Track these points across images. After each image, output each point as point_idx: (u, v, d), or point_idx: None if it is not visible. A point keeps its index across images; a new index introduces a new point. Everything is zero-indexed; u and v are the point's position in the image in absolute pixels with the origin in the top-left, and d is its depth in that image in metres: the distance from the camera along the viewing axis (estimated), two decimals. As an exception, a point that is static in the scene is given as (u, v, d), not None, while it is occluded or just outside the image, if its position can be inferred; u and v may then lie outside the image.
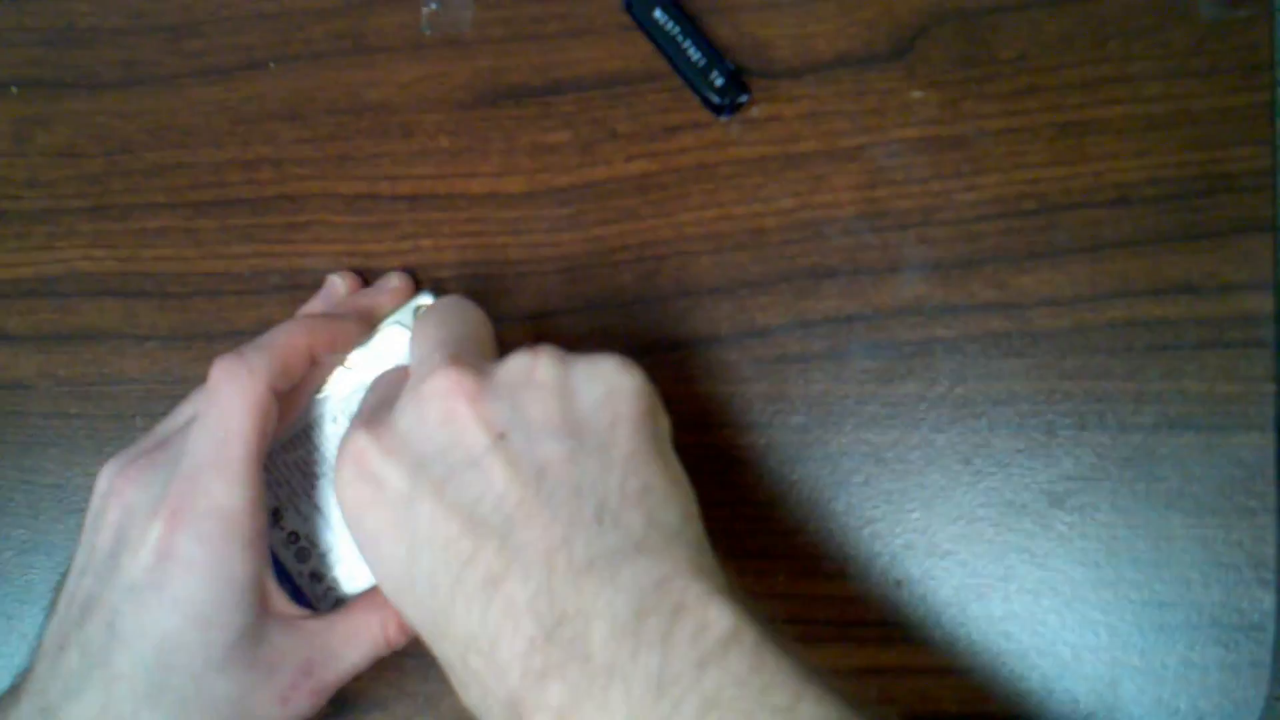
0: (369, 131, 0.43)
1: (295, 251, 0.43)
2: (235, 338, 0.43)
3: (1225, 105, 0.38)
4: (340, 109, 0.43)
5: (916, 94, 0.40)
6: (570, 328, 0.41)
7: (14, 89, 0.45)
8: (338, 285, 0.42)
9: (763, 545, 0.40)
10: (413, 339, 0.36)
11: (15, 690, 0.35)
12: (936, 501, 0.39)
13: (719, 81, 0.40)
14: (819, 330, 0.40)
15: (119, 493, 0.35)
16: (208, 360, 0.42)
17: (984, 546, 0.39)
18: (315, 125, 0.43)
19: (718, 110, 0.40)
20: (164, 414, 0.43)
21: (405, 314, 0.40)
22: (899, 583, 0.39)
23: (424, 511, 0.31)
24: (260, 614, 0.35)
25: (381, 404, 0.34)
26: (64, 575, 0.36)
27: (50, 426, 0.44)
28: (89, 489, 0.43)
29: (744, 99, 0.40)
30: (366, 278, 0.42)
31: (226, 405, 0.35)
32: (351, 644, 0.37)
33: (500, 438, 0.31)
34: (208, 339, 0.43)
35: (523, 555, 0.29)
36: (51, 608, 0.36)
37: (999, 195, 0.39)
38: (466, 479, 0.31)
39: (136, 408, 0.43)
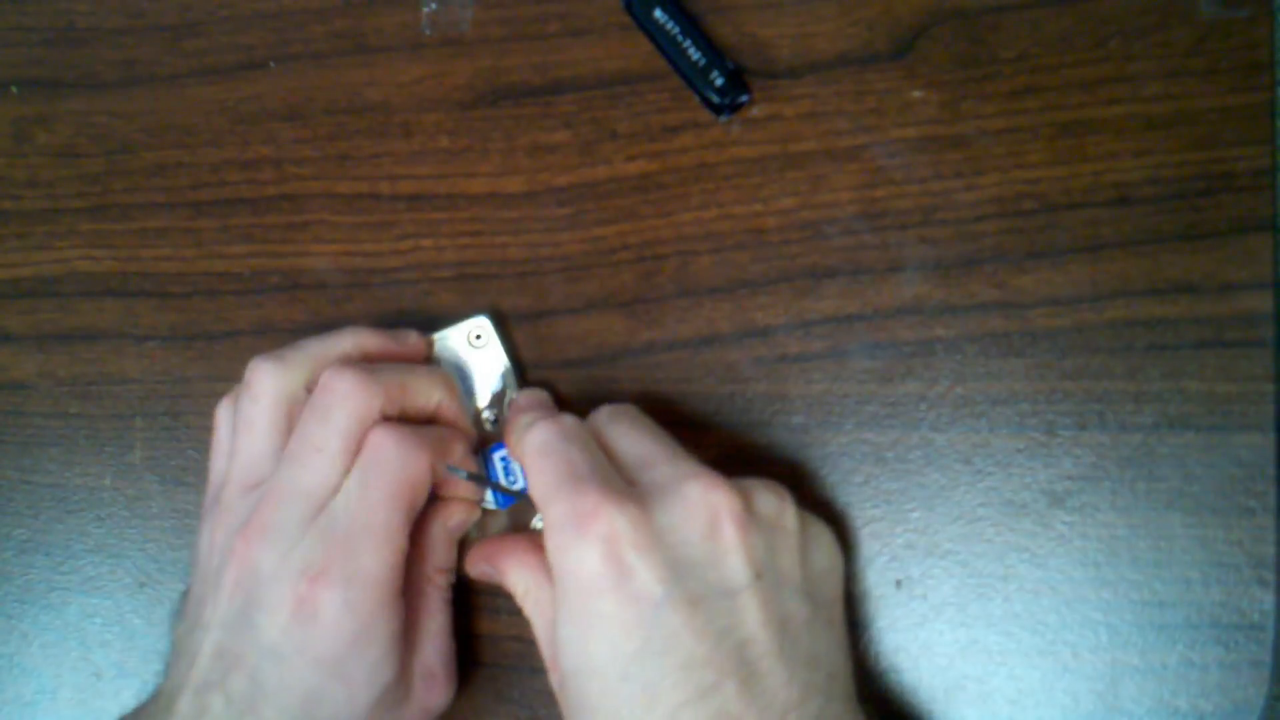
0: (369, 131, 0.43)
1: (295, 251, 0.43)
2: (235, 338, 0.43)
3: (1225, 105, 0.38)
4: (340, 109, 0.43)
5: (916, 94, 0.40)
6: (570, 328, 0.41)
7: (14, 89, 0.45)
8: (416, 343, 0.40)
9: (763, 545, 0.40)
10: (627, 430, 0.35)
11: (149, 717, 0.35)
12: (936, 501, 0.39)
13: (719, 81, 0.40)
14: (819, 330, 0.40)
15: (239, 553, 0.34)
16: (208, 360, 0.43)
17: (984, 546, 0.39)
18: (315, 125, 0.43)
19: (718, 110, 0.40)
20: (164, 414, 0.43)
21: (459, 331, 0.40)
22: (899, 583, 0.39)
23: (673, 623, 0.31)
24: (397, 655, 0.35)
25: (592, 473, 0.33)
26: (183, 614, 0.36)
27: (50, 426, 0.44)
28: (89, 489, 0.43)
29: (744, 99, 0.40)
30: (367, 277, 0.42)
31: (390, 477, 0.34)
32: (430, 617, 0.37)
33: (758, 577, 0.32)
34: (208, 339, 0.43)
35: (761, 702, 0.30)
36: (177, 639, 0.36)
37: (999, 195, 0.39)
38: (720, 606, 0.31)
39: (136, 408, 0.43)
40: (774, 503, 0.33)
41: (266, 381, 0.36)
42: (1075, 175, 0.39)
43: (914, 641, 0.39)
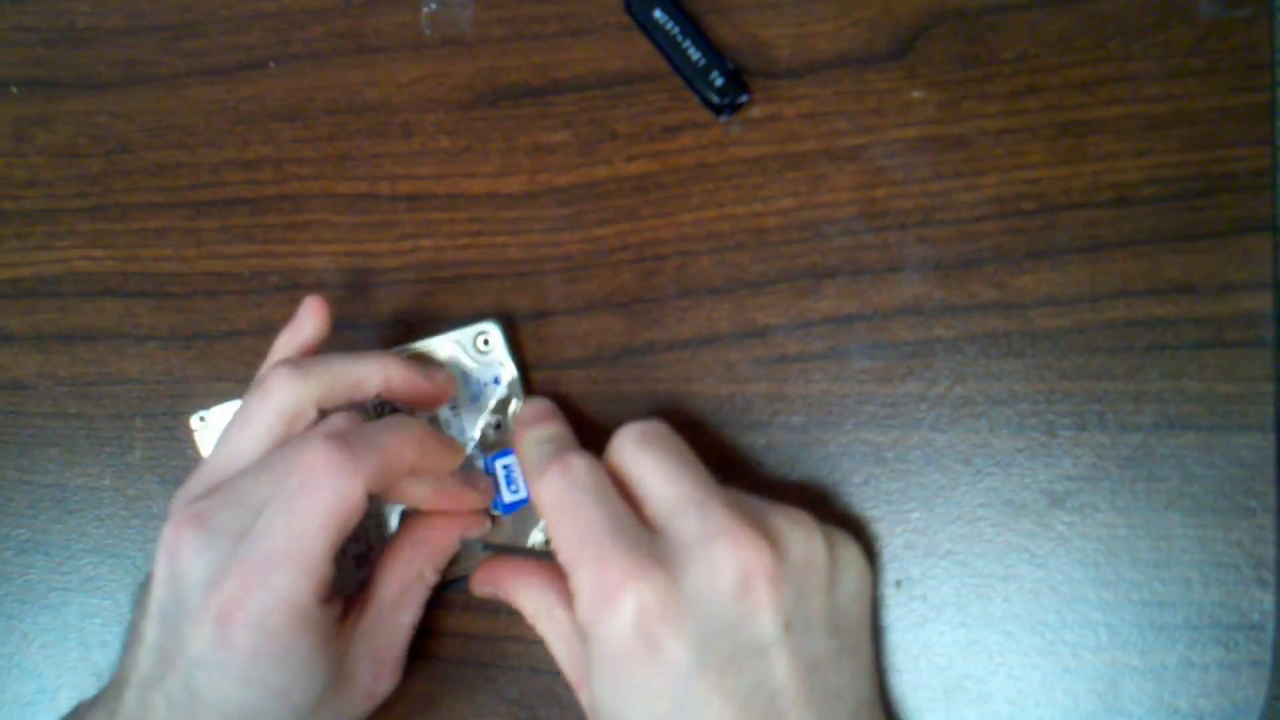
0: (369, 131, 0.43)
1: (295, 251, 0.43)
2: (235, 338, 0.43)
3: (1225, 105, 0.38)
4: (340, 109, 0.43)
5: (916, 94, 0.40)
6: (570, 328, 0.41)
7: (14, 89, 0.45)
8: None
9: (763, 545, 0.40)
10: (656, 465, 0.34)
11: (105, 704, 0.35)
12: (936, 501, 0.39)
13: (719, 81, 0.40)
14: (819, 330, 0.40)
15: (172, 550, 0.34)
16: (208, 360, 0.43)
17: (984, 546, 0.39)
18: (315, 125, 0.43)
19: (718, 110, 0.40)
20: (164, 414, 0.43)
21: (465, 335, 0.40)
22: (899, 583, 0.39)
23: (701, 690, 0.31)
24: (331, 656, 0.35)
25: (615, 535, 0.32)
26: (145, 594, 0.35)
27: (50, 426, 0.44)
28: (89, 489, 0.43)
29: (744, 99, 0.40)
30: (367, 277, 0.42)
31: (317, 501, 0.33)
32: (401, 609, 0.37)
33: (787, 628, 0.32)
34: (208, 339, 0.43)
35: None
36: (134, 621, 0.36)
37: (999, 195, 0.39)
38: (749, 664, 0.31)
39: (136, 408, 0.43)
40: (802, 541, 0.33)
41: (280, 387, 0.35)
42: (1075, 175, 0.39)
43: (914, 641, 0.39)
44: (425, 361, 0.40)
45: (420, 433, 0.36)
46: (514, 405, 0.40)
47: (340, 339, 0.41)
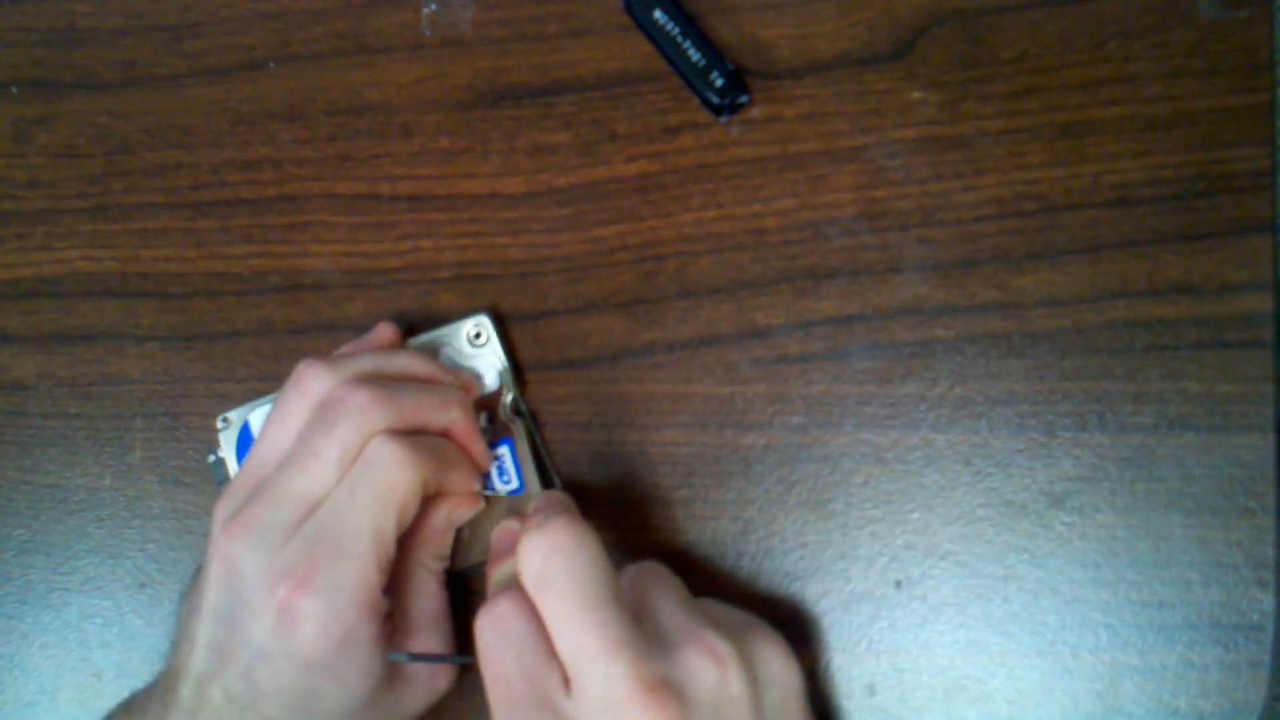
0: (369, 131, 0.43)
1: (295, 251, 0.43)
2: (235, 338, 0.43)
3: (1225, 105, 0.38)
4: (340, 109, 0.43)
5: (916, 94, 0.40)
6: (570, 328, 0.41)
7: (14, 89, 0.45)
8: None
9: (763, 545, 0.40)
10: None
11: (159, 696, 0.35)
12: (936, 501, 0.39)
13: (719, 82, 0.40)
14: (819, 330, 0.40)
15: (223, 548, 0.35)
16: (208, 360, 0.43)
17: (984, 546, 0.39)
18: (315, 125, 0.43)
19: (718, 111, 0.40)
20: (164, 414, 0.43)
21: (458, 329, 0.41)
22: (899, 583, 0.39)
23: None
24: (389, 647, 0.36)
25: (530, 695, 0.32)
26: (192, 601, 0.36)
27: (50, 426, 0.44)
28: (89, 489, 0.43)
29: (744, 99, 0.40)
30: (367, 277, 0.42)
31: (384, 483, 0.34)
32: (427, 600, 0.38)
33: None
34: (208, 339, 0.43)
35: None
36: (182, 623, 0.36)
37: (999, 195, 0.39)
38: None
39: (136, 408, 0.43)
40: (713, 682, 0.32)
41: (316, 383, 0.36)
42: (1075, 176, 0.39)
43: (914, 641, 0.39)
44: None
45: (472, 436, 0.38)
46: (506, 396, 0.40)
47: (340, 339, 0.41)
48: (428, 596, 0.38)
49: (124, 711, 0.37)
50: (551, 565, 0.32)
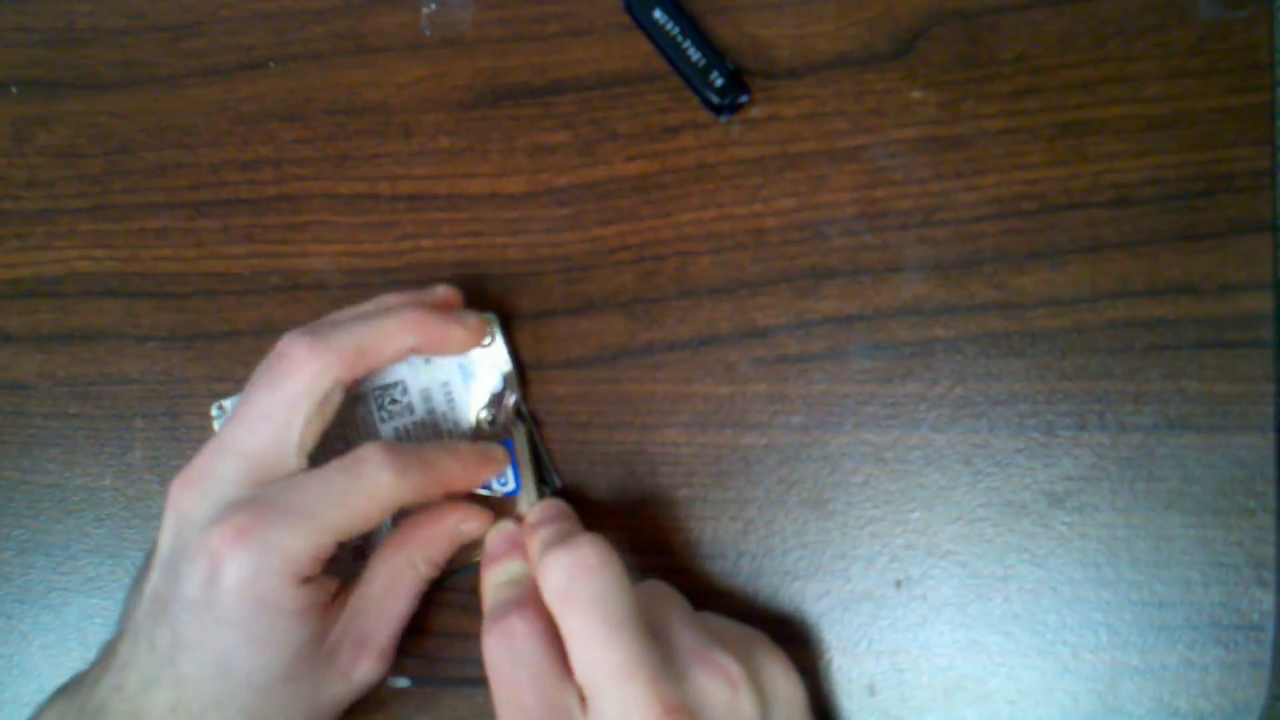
0: (369, 131, 0.43)
1: (295, 251, 0.43)
2: (235, 338, 0.43)
3: (1225, 105, 0.38)
4: (340, 109, 0.43)
5: (916, 94, 0.40)
6: (570, 328, 0.41)
7: (14, 89, 0.45)
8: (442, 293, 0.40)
9: (763, 545, 0.40)
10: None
11: (103, 661, 0.36)
12: (936, 501, 0.39)
13: (719, 82, 0.40)
14: (819, 330, 0.40)
15: (176, 499, 0.35)
16: (208, 360, 0.43)
17: (984, 546, 0.39)
18: (315, 125, 0.43)
19: (718, 110, 0.40)
20: (164, 414, 0.43)
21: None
22: (899, 583, 0.39)
23: None
24: (314, 622, 0.35)
25: (545, 712, 0.32)
26: (148, 554, 0.36)
27: (50, 426, 0.44)
28: (89, 489, 0.43)
29: (744, 99, 0.40)
30: (367, 277, 0.42)
31: (359, 495, 0.34)
32: (392, 596, 0.37)
33: None
34: (208, 339, 0.43)
35: None
36: (135, 583, 0.36)
37: (999, 195, 0.39)
38: None
39: (136, 408, 0.43)
40: (725, 702, 0.32)
41: (301, 356, 0.36)
42: (1075, 176, 0.39)
43: (914, 641, 0.39)
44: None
45: (417, 315, 0.37)
46: (509, 400, 0.40)
47: (340, 339, 0.41)
48: (399, 595, 0.37)
49: (74, 682, 0.37)
50: (576, 582, 0.32)
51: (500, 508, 0.39)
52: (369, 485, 0.34)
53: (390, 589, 0.37)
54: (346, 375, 0.36)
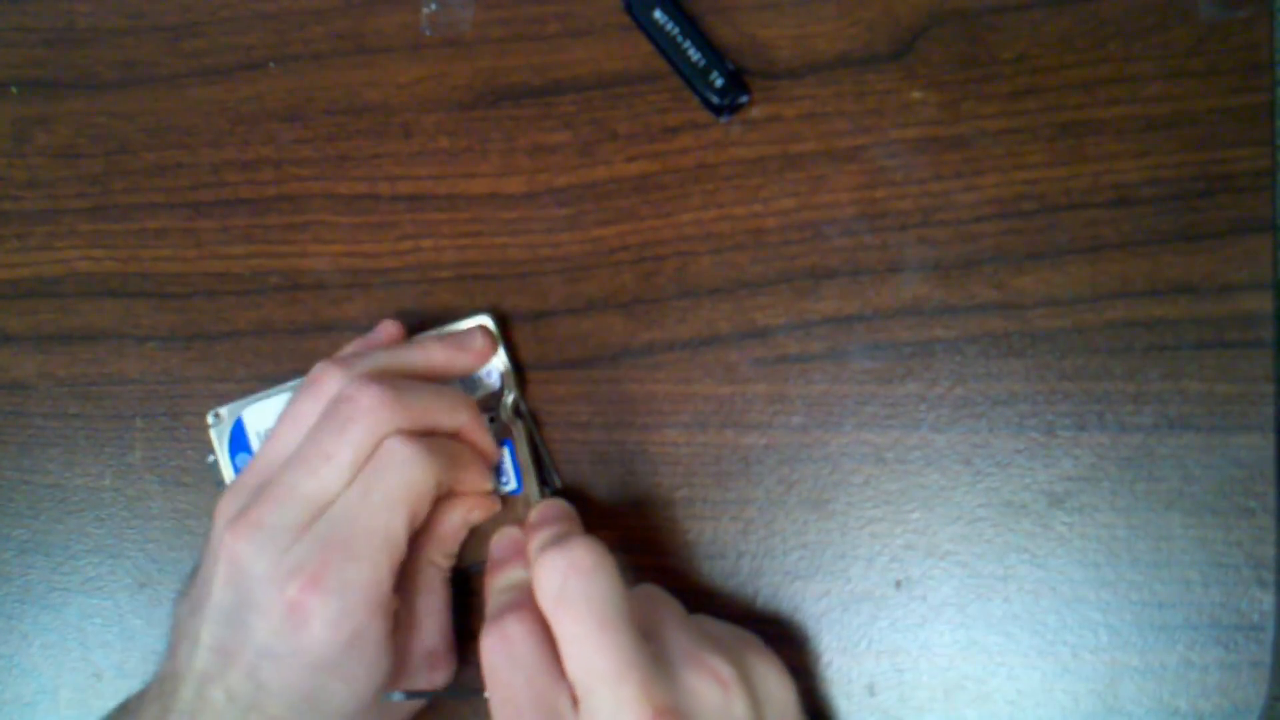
0: (369, 132, 0.43)
1: (295, 251, 0.43)
2: (235, 338, 0.43)
3: (1225, 105, 0.38)
4: (340, 109, 0.43)
5: (916, 94, 0.40)
6: (570, 328, 0.41)
7: (14, 89, 0.45)
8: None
9: (763, 545, 0.40)
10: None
11: (156, 699, 0.35)
12: (936, 502, 0.39)
13: (719, 82, 0.40)
14: (819, 330, 0.40)
15: (229, 547, 0.35)
16: (208, 360, 0.43)
17: (984, 547, 0.39)
18: (315, 125, 0.43)
19: (718, 111, 0.40)
20: (164, 414, 0.43)
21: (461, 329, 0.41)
22: (899, 583, 0.39)
23: None
24: (395, 645, 0.36)
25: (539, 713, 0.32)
26: (192, 600, 0.36)
27: (50, 426, 0.44)
28: (89, 489, 0.43)
29: (744, 99, 0.40)
30: (367, 277, 0.42)
31: (397, 483, 0.35)
32: (429, 595, 0.38)
33: None
34: (208, 339, 0.43)
35: None
36: (182, 631, 0.36)
37: (999, 195, 0.39)
38: None
39: (136, 408, 0.43)
40: (718, 704, 0.32)
41: (330, 384, 0.36)
42: (1075, 176, 0.39)
43: (914, 641, 0.39)
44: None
45: (483, 434, 0.39)
46: (508, 398, 0.40)
47: (340, 340, 0.41)
48: (433, 592, 0.38)
49: (121, 712, 0.37)
50: (570, 585, 0.32)
51: (502, 506, 0.40)
52: (407, 486, 0.35)
53: (427, 590, 0.38)
54: (411, 429, 0.36)
